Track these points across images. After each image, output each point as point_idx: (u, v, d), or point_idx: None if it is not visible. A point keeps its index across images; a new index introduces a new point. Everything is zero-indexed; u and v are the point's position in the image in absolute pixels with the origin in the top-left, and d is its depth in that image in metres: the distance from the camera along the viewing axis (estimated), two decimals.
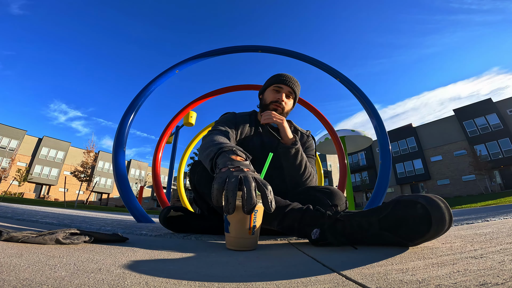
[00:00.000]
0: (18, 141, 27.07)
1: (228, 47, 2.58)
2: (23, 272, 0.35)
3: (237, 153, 0.76)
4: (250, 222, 0.63)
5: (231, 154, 0.75)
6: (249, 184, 0.60)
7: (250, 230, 0.63)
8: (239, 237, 0.64)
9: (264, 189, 0.61)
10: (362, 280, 0.35)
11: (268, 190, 0.62)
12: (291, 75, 1.21)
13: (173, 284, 0.34)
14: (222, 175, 0.64)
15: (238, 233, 0.63)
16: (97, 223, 1.52)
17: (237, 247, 0.65)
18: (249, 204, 0.58)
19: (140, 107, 2.23)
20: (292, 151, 1.03)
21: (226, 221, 0.65)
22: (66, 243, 0.60)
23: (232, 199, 0.58)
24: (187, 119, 5.73)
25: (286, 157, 1.04)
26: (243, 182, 0.60)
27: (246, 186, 0.59)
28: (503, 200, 5.32)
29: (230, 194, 0.58)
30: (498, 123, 21.50)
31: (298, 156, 1.05)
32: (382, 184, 2.00)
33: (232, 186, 0.59)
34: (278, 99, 1.17)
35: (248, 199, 0.58)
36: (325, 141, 4.73)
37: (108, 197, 35.03)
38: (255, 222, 0.64)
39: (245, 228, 0.63)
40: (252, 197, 0.58)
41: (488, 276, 0.34)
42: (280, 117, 1.08)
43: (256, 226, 0.64)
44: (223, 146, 0.79)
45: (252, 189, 0.59)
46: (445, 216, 0.52)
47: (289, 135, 1.06)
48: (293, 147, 1.04)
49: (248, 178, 0.61)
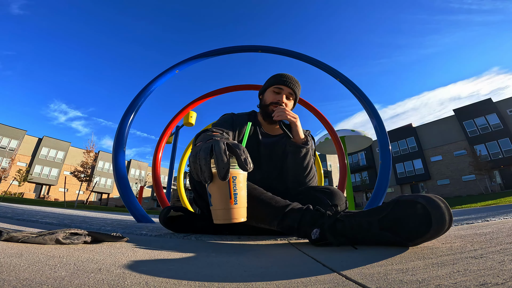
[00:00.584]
0: (18, 141, 27.07)
1: (228, 47, 2.58)
2: (23, 272, 0.35)
3: (213, 130, 0.75)
4: (230, 189, 0.60)
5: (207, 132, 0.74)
6: (218, 147, 0.58)
7: (232, 199, 0.60)
8: (222, 207, 0.61)
9: (235, 150, 0.59)
10: (362, 280, 0.35)
11: (240, 150, 0.60)
12: (291, 76, 1.20)
13: (173, 284, 0.34)
14: (195, 149, 0.62)
15: (220, 203, 0.61)
16: (97, 223, 1.52)
17: (222, 220, 0.61)
18: (221, 168, 0.56)
19: (140, 107, 2.23)
20: (302, 151, 1.02)
21: (208, 194, 0.63)
22: (66, 243, 0.60)
23: (205, 167, 0.57)
24: (187, 119, 5.74)
25: (294, 156, 1.03)
26: (213, 147, 0.59)
27: (216, 149, 0.58)
28: (503, 200, 5.31)
29: (202, 162, 0.57)
30: (498, 123, 21.50)
31: (307, 157, 1.04)
32: (382, 184, 2.00)
33: (203, 154, 0.58)
34: (278, 100, 1.15)
35: (219, 163, 0.56)
36: (325, 141, 4.73)
37: (108, 197, 35.02)
38: (236, 190, 0.61)
39: (226, 197, 0.60)
40: (222, 159, 0.56)
41: (488, 276, 0.34)
42: (294, 115, 1.04)
43: (238, 194, 0.61)
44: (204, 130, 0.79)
45: (222, 151, 0.57)
46: (445, 216, 0.52)
47: (301, 135, 1.04)
48: (304, 147, 1.02)
49: (217, 142, 0.59)
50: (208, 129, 0.84)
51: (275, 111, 1.05)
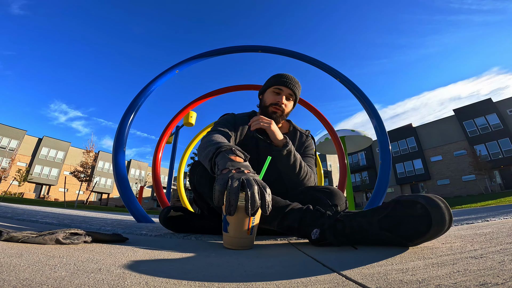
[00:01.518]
0: (18, 141, 27.07)
1: (228, 47, 2.58)
2: (23, 272, 0.35)
3: (236, 153, 0.76)
4: (249, 223, 0.64)
5: (230, 154, 0.75)
6: (252, 187, 0.62)
7: (248, 231, 0.65)
8: (238, 237, 0.65)
9: (264, 192, 0.63)
10: (362, 280, 0.35)
11: (267, 193, 0.64)
12: (292, 76, 1.20)
13: (173, 284, 0.34)
14: (223, 177, 0.65)
15: (237, 233, 0.65)
16: (97, 223, 1.52)
17: (235, 247, 0.66)
18: (253, 207, 0.60)
19: (140, 107, 2.23)
20: (283, 152, 1.02)
21: (225, 221, 0.66)
22: (66, 243, 0.60)
23: (234, 201, 0.60)
24: (187, 119, 5.73)
25: (279, 159, 1.04)
26: (246, 185, 0.62)
27: (250, 189, 0.61)
28: (503, 200, 5.32)
29: (232, 196, 0.60)
30: (498, 123, 21.50)
31: (291, 157, 1.04)
32: (382, 184, 2.00)
33: (235, 189, 0.61)
34: (277, 101, 1.15)
35: (252, 202, 0.60)
36: (325, 141, 4.73)
37: (108, 197, 35.03)
38: (253, 223, 0.65)
39: (244, 229, 0.64)
40: (256, 200, 0.61)
41: (488, 276, 0.34)
42: (267, 121, 1.05)
43: (254, 226, 0.66)
44: (222, 145, 0.80)
45: (255, 192, 0.61)
46: (445, 216, 0.52)
47: (278, 137, 1.04)
48: (284, 149, 1.02)
49: (250, 181, 0.63)
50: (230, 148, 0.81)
51: (251, 121, 1.07)
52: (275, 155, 1.04)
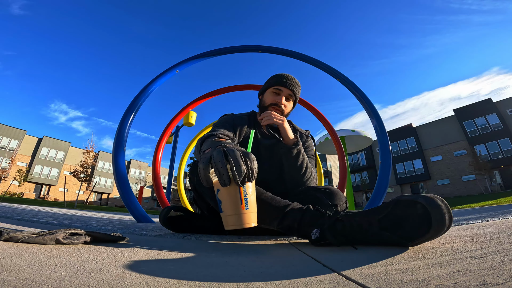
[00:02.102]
0: (18, 141, 27.07)
1: (228, 47, 2.58)
2: (23, 272, 0.35)
3: (219, 136, 0.76)
4: (241, 195, 0.61)
5: (213, 138, 0.75)
6: (234, 153, 0.60)
7: (243, 204, 0.61)
8: (234, 213, 0.61)
9: (247, 159, 0.61)
10: (362, 280, 0.35)
11: (250, 160, 0.62)
12: (291, 76, 1.20)
13: (173, 284, 0.34)
14: (206, 155, 0.64)
15: (232, 209, 0.61)
16: (97, 223, 1.52)
17: (234, 225, 0.62)
18: (239, 172, 0.58)
19: (140, 107, 2.23)
20: (294, 151, 1.02)
21: (219, 201, 0.63)
22: (66, 243, 0.60)
23: (223, 169, 0.58)
24: (187, 119, 5.73)
25: (287, 158, 1.03)
26: (228, 153, 0.60)
27: (232, 156, 0.59)
28: (503, 200, 5.31)
29: (219, 165, 0.58)
30: (498, 123, 21.50)
31: (300, 157, 1.04)
32: (382, 184, 2.00)
33: (219, 157, 0.59)
34: (277, 102, 1.15)
35: (237, 168, 0.58)
36: (325, 141, 4.73)
37: (108, 197, 35.02)
38: (246, 195, 0.61)
39: (238, 203, 0.61)
40: (240, 165, 0.58)
41: (488, 276, 0.34)
42: (280, 118, 1.06)
43: (248, 199, 0.62)
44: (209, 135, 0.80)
45: (238, 157, 0.59)
46: (445, 216, 0.52)
47: (290, 136, 1.05)
48: (295, 148, 1.02)
49: (231, 149, 0.61)
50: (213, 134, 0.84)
51: (262, 116, 1.06)
52: (284, 153, 1.03)
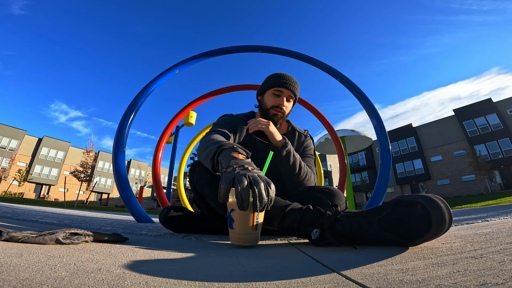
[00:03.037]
0: (18, 141, 27.06)
1: (228, 47, 2.58)
2: (23, 272, 0.35)
3: (238, 150, 0.77)
4: (253, 219, 0.66)
5: (232, 151, 0.76)
6: (259, 184, 0.63)
7: (253, 227, 0.67)
8: (244, 233, 0.67)
9: (269, 189, 0.65)
10: (362, 280, 0.35)
11: (271, 189, 0.65)
12: (291, 76, 1.19)
13: (173, 284, 0.34)
14: (229, 175, 0.66)
15: (243, 229, 0.67)
16: (97, 223, 1.52)
17: (241, 243, 0.68)
18: (261, 203, 0.62)
19: (140, 107, 2.23)
20: (283, 153, 1.02)
21: (230, 218, 0.68)
22: (66, 243, 0.60)
23: (246, 197, 0.62)
24: (187, 119, 5.73)
25: (279, 160, 1.04)
26: (253, 182, 0.63)
27: (257, 187, 0.63)
28: (503, 200, 5.31)
29: (244, 192, 0.62)
30: (498, 123, 21.49)
31: (291, 158, 1.04)
32: (382, 184, 2.00)
33: (247, 187, 0.62)
34: (279, 104, 1.15)
35: (260, 199, 0.62)
36: (325, 141, 4.72)
37: (108, 197, 35.02)
38: (258, 219, 0.67)
39: (249, 225, 0.66)
40: (263, 197, 0.62)
41: (488, 276, 0.34)
42: (265, 122, 1.05)
43: (259, 222, 0.68)
44: (223, 144, 0.80)
45: (262, 189, 0.63)
46: (445, 216, 0.52)
47: (277, 138, 1.04)
48: (283, 150, 1.02)
49: (257, 179, 0.65)
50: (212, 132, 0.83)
51: (248, 124, 1.07)
52: (274, 156, 1.04)
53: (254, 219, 0.67)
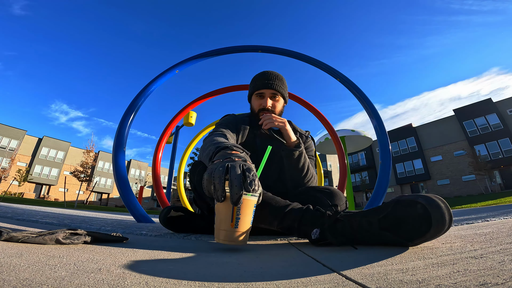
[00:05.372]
0: (18, 141, 27.07)
1: (228, 47, 2.58)
2: (23, 272, 0.35)
3: (233, 148, 0.76)
4: (233, 213, 0.60)
5: (227, 150, 0.75)
6: (235, 172, 0.58)
7: (233, 223, 0.60)
8: (222, 228, 0.61)
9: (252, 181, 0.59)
10: (362, 280, 0.35)
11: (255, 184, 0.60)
12: (270, 73, 1.17)
13: (173, 284, 0.34)
14: (213, 166, 0.63)
15: (221, 224, 0.61)
16: (97, 223, 1.52)
17: (222, 239, 0.61)
18: (234, 194, 0.56)
19: (140, 107, 2.23)
20: (295, 153, 1.02)
21: (214, 212, 0.64)
22: (66, 243, 0.60)
23: (219, 185, 0.57)
24: (187, 119, 5.73)
25: (289, 160, 1.03)
26: (229, 169, 0.59)
27: (231, 174, 0.58)
28: (503, 200, 5.31)
29: (216, 180, 0.58)
30: (498, 123, 21.50)
31: (302, 159, 1.04)
32: (382, 184, 2.00)
33: (218, 173, 0.58)
34: (263, 106, 1.14)
35: (233, 188, 0.56)
36: (325, 141, 4.73)
37: (108, 197, 35.02)
38: (239, 215, 0.60)
39: (228, 220, 0.60)
40: (237, 185, 0.57)
41: (488, 276, 0.34)
42: (281, 120, 1.05)
43: (240, 219, 0.60)
44: (222, 144, 0.79)
45: (237, 177, 0.57)
46: (445, 216, 0.52)
47: (292, 138, 1.04)
48: (296, 150, 1.02)
49: (234, 166, 0.59)
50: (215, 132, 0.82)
51: (263, 120, 1.05)
52: (286, 155, 1.03)
53: (233, 214, 0.59)
